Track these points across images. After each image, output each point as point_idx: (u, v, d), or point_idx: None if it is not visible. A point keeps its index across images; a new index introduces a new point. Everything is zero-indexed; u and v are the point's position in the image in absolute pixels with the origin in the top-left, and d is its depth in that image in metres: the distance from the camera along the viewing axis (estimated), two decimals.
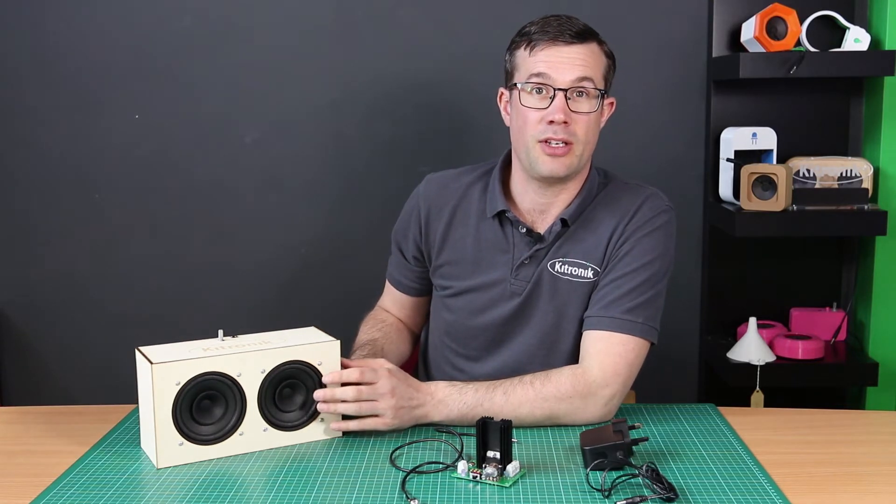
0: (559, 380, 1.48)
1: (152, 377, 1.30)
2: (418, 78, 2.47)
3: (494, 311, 1.64)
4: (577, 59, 1.52)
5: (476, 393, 1.47)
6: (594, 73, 1.54)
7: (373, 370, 1.44)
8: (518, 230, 1.61)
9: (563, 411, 1.47)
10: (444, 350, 1.74)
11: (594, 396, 1.48)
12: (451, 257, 1.68)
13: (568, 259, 1.60)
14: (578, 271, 1.59)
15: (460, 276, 1.67)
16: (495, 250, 1.63)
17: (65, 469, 1.34)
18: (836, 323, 2.41)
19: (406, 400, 1.44)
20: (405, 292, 1.80)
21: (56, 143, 2.52)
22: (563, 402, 1.47)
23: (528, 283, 1.61)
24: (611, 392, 1.49)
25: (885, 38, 2.31)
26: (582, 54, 1.53)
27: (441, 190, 1.71)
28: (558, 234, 1.60)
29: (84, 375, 2.62)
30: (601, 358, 1.51)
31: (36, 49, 2.48)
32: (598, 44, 1.57)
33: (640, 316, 1.54)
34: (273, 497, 1.24)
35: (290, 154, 2.52)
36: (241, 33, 2.47)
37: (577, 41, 1.53)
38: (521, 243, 1.62)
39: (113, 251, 2.56)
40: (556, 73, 1.52)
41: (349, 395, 1.42)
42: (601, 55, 1.57)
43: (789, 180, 2.24)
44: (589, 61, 1.53)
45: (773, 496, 1.23)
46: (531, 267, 1.61)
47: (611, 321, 1.53)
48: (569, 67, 1.52)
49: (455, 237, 1.67)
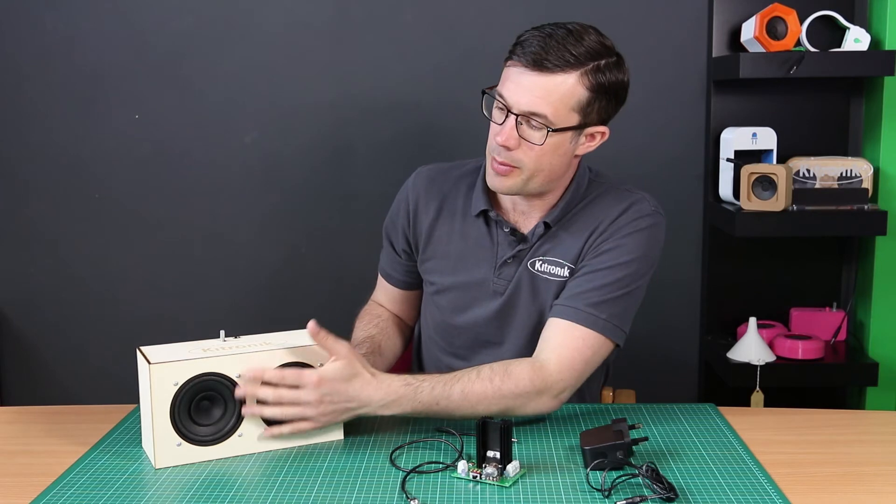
0: (519, 376, 1.45)
1: (150, 377, 1.30)
2: (418, 78, 2.47)
3: (478, 310, 1.64)
4: (535, 91, 1.44)
5: (432, 392, 1.41)
6: (550, 109, 1.45)
7: (298, 374, 1.37)
8: (502, 229, 1.61)
9: (517, 405, 1.45)
10: (434, 347, 1.75)
11: (548, 390, 1.46)
12: (436, 252, 1.68)
13: (547, 258, 1.59)
14: (556, 270, 1.58)
15: (444, 272, 1.67)
16: (479, 248, 1.63)
17: (65, 469, 1.33)
18: (836, 323, 2.41)
19: (342, 404, 1.39)
20: (396, 286, 1.79)
21: (56, 142, 2.52)
22: (520, 398, 1.45)
23: (510, 283, 1.61)
24: (563, 386, 1.47)
25: (885, 38, 2.31)
26: (542, 87, 1.44)
27: (430, 183, 1.70)
28: (541, 234, 1.60)
29: (84, 375, 2.62)
30: (560, 352, 1.49)
31: (36, 49, 2.48)
32: (580, 74, 1.45)
33: (605, 312, 1.51)
34: (273, 497, 1.24)
35: (290, 154, 2.52)
36: (241, 33, 2.47)
37: (543, 71, 1.44)
38: (504, 242, 1.61)
39: (113, 251, 2.56)
40: (513, 98, 1.47)
41: (268, 396, 1.37)
42: (576, 87, 1.45)
43: (789, 180, 2.24)
44: (548, 96, 1.44)
45: (773, 496, 1.23)
46: (513, 266, 1.61)
47: (574, 312, 1.51)
48: (524, 96, 1.45)
49: (441, 232, 1.67)
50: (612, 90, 1.49)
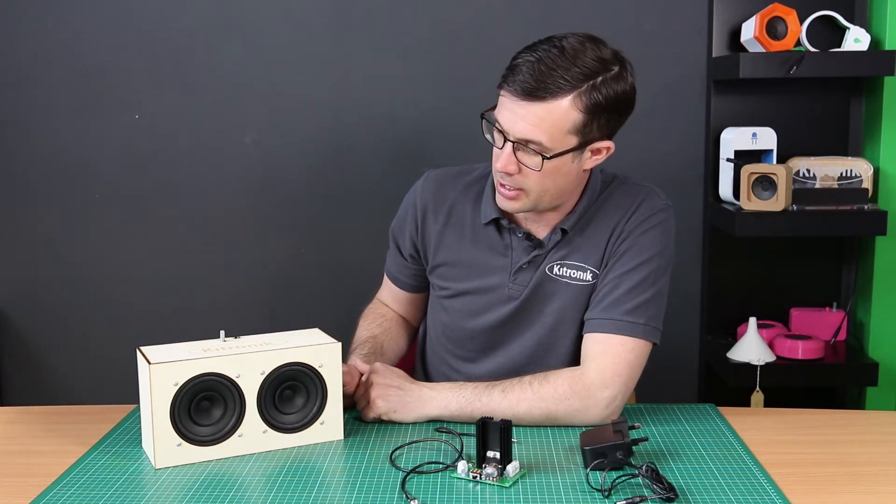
0: (556, 381, 1.48)
1: (150, 377, 1.30)
2: (418, 78, 2.47)
3: (491, 315, 1.64)
4: (528, 118, 1.42)
5: (474, 390, 1.48)
6: (545, 136, 1.42)
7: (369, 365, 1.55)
8: (516, 235, 1.60)
9: (561, 412, 1.47)
10: (441, 350, 1.74)
11: (593, 398, 1.47)
12: (447, 259, 1.67)
13: (567, 262, 1.59)
14: (577, 274, 1.58)
15: (457, 278, 1.66)
16: (493, 254, 1.62)
17: (65, 469, 1.33)
18: (836, 323, 2.41)
19: (406, 393, 1.49)
20: (402, 288, 1.79)
21: (56, 142, 2.52)
22: (562, 404, 1.46)
23: (526, 288, 1.60)
24: (611, 394, 1.48)
25: (885, 38, 2.31)
26: (535, 115, 1.42)
27: (438, 188, 1.69)
28: (558, 240, 1.59)
29: (84, 375, 2.62)
30: (599, 360, 1.50)
31: (36, 49, 2.49)
32: (574, 97, 1.41)
33: (642, 317, 1.52)
34: (273, 497, 1.24)
35: (290, 154, 2.52)
36: (241, 33, 2.47)
37: (533, 99, 1.41)
38: (519, 248, 1.61)
39: (113, 251, 2.56)
40: (508, 126, 1.45)
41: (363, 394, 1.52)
42: (570, 111, 1.42)
43: (789, 180, 2.24)
44: (542, 123, 1.42)
45: (773, 496, 1.23)
46: (529, 271, 1.60)
47: (612, 323, 1.52)
48: (518, 124, 1.43)
49: (451, 239, 1.66)
50: (611, 105, 1.45)
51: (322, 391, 1.41)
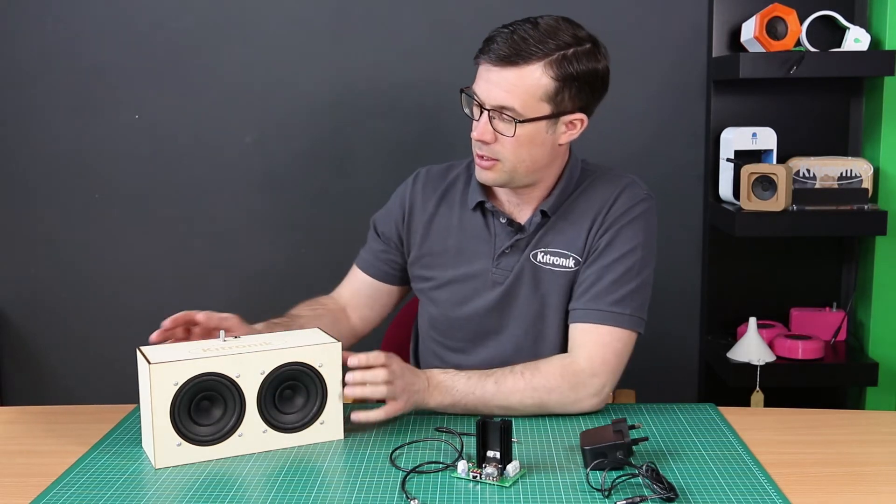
0: (548, 370, 1.50)
1: (150, 377, 1.31)
2: (418, 78, 2.48)
3: (478, 301, 1.66)
4: (501, 84, 1.49)
5: (468, 381, 1.49)
6: (518, 101, 1.48)
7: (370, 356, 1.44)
8: (499, 220, 1.63)
9: (553, 401, 1.49)
10: (431, 343, 1.76)
11: (584, 387, 1.50)
12: (433, 247, 1.69)
13: (549, 249, 1.61)
14: (560, 261, 1.61)
15: (443, 266, 1.68)
16: (477, 240, 1.66)
17: (65, 469, 1.33)
18: (836, 323, 2.41)
19: (410, 384, 1.47)
20: (374, 276, 1.77)
21: (56, 142, 2.52)
22: (553, 393, 1.49)
23: (510, 273, 1.63)
24: (600, 382, 1.51)
25: (885, 38, 2.31)
26: (507, 80, 1.48)
27: (428, 182, 1.74)
28: (539, 224, 1.62)
29: (84, 375, 2.62)
30: (588, 348, 1.53)
31: (36, 49, 2.49)
32: (545, 64, 1.48)
33: (628, 307, 1.55)
34: (273, 497, 1.24)
35: (290, 154, 2.52)
36: (241, 33, 2.47)
37: (506, 65, 1.48)
38: (502, 233, 1.64)
39: (113, 251, 2.57)
40: (483, 94, 1.51)
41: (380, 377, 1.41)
42: (542, 78, 1.48)
43: (789, 180, 2.24)
44: (514, 89, 1.48)
45: (773, 496, 1.23)
46: (513, 257, 1.63)
47: (599, 314, 1.55)
48: (492, 91, 1.50)
49: (439, 227, 1.69)
50: (583, 78, 1.51)
51: (322, 391, 1.41)
